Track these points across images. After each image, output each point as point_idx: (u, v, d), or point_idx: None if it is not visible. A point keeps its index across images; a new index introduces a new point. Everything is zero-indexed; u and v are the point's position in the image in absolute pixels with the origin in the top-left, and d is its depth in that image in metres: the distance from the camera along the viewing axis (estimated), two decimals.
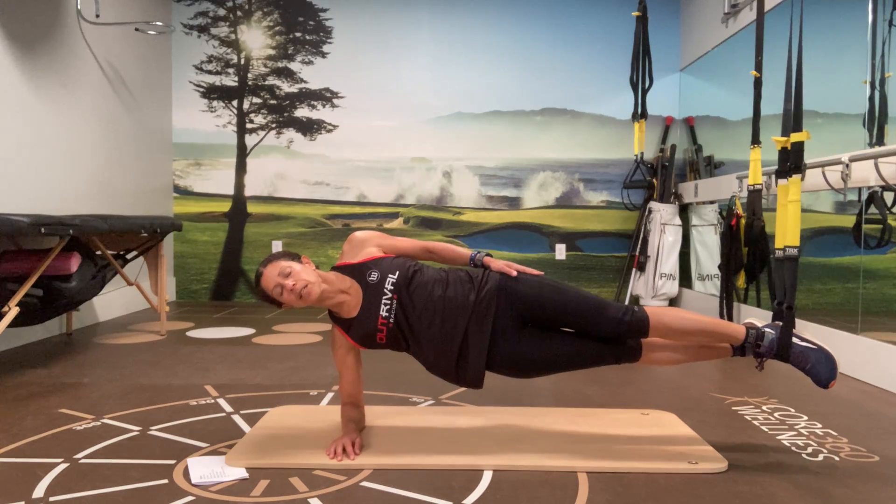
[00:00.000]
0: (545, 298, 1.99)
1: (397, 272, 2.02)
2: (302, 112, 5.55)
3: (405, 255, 2.12)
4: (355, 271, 2.05)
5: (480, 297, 1.97)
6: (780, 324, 2.03)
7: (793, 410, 2.52)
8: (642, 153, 4.85)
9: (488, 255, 2.11)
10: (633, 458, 1.94)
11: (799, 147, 2.07)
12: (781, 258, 2.07)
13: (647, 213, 5.12)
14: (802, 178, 2.09)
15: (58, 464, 1.90)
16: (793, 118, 2.11)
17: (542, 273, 2.07)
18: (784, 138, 2.11)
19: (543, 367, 2.02)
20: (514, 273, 2.02)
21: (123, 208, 4.64)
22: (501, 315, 1.98)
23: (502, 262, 2.07)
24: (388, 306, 1.99)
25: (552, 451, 1.99)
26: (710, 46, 4.90)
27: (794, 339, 2.00)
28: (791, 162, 2.09)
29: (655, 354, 2.05)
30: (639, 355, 2.02)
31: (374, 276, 2.02)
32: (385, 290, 2.00)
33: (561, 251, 5.55)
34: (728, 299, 4.00)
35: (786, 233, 2.06)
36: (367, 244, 2.10)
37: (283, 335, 4.00)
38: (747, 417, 2.43)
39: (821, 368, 1.96)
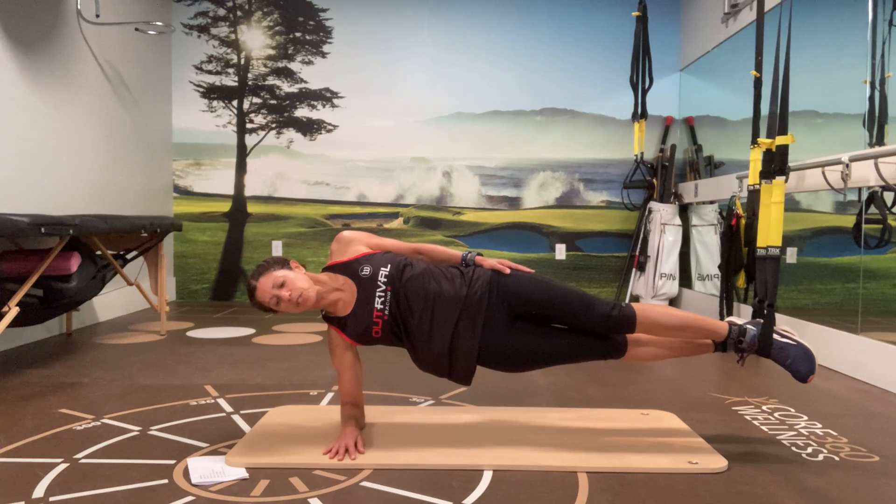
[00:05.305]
0: (535, 294, 2.01)
1: (389, 265, 2.03)
2: (302, 112, 5.55)
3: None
4: (347, 268, 2.06)
5: (472, 292, 1.99)
6: (762, 320, 2.06)
7: (793, 410, 2.52)
8: (642, 153, 4.86)
9: (479, 254, 2.12)
10: (633, 458, 1.94)
11: (783, 150, 2.10)
12: (764, 257, 2.11)
13: (647, 213, 5.12)
14: (786, 181, 2.12)
15: (58, 464, 1.90)
16: (778, 121, 2.13)
17: (534, 271, 2.09)
18: (769, 140, 2.13)
19: (532, 361, 2.05)
20: (507, 271, 2.04)
21: (123, 208, 4.64)
22: (493, 309, 1.99)
23: (494, 259, 2.08)
24: (382, 298, 2.00)
25: (552, 451, 1.99)
26: (710, 46, 4.90)
27: (775, 336, 2.05)
28: (776, 164, 2.11)
29: (640, 350, 2.09)
30: (625, 350, 2.07)
31: (367, 270, 2.03)
32: (379, 283, 2.00)
33: (561, 251, 5.55)
34: (728, 299, 4.00)
35: (768, 233, 2.10)
36: (356, 243, 2.12)
37: (283, 335, 4.00)
38: (747, 417, 2.43)
39: (800, 364, 2.02)
